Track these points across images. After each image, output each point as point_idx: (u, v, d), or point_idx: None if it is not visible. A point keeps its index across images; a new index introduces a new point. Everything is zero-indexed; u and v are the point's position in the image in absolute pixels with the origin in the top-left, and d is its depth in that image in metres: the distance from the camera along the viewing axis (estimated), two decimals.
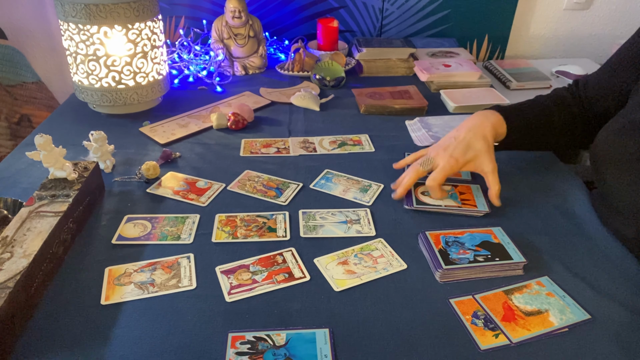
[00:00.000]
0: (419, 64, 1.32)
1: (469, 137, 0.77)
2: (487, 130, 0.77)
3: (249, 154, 0.96)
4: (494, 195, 0.77)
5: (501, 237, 0.71)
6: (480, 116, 0.81)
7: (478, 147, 0.76)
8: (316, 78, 1.27)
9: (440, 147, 0.78)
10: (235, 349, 0.55)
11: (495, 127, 0.79)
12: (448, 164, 0.76)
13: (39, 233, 0.63)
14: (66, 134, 1.00)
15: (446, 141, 0.79)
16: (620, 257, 0.69)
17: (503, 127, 0.80)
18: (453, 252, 0.68)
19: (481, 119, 0.80)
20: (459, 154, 0.76)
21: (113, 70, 1.02)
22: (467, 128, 0.78)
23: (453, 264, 0.66)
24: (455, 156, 0.76)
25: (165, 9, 1.49)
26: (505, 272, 0.66)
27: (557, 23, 1.63)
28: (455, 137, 0.78)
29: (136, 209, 0.79)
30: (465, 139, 0.77)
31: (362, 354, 0.55)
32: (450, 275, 0.65)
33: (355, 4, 1.52)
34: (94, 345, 0.55)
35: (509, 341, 0.56)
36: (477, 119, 0.80)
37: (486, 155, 0.76)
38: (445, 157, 0.76)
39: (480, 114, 0.82)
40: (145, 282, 0.64)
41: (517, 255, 0.67)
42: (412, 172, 0.78)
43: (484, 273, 0.66)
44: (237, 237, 0.73)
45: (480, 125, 0.78)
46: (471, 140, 0.77)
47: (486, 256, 0.67)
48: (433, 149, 0.80)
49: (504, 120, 0.80)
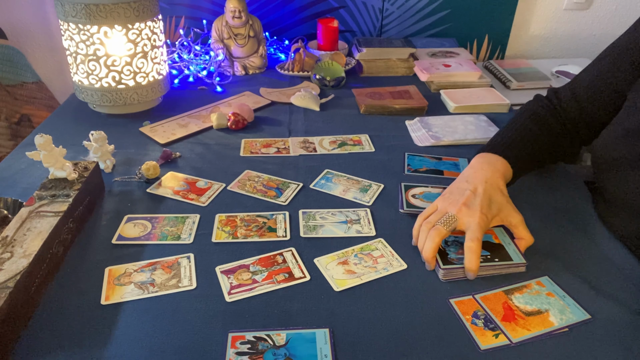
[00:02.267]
0: (419, 64, 1.32)
1: (488, 190, 0.70)
2: (500, 182, 0.72)
3: (249, 154, 0.96)
4: (524, 247, 0.70)
5: (502, 237, 0.71)
6: (486, 165, 0.75)
7: (499, 201, 0.70)
8: (316, 78, 1.27)
9: (460, 203, 0.69)
10: (235, 348, 0.55)
11: (504, 175, 0.75)
12: (482, 221, 0.66)
13: (39, 233, 0.63)
14: (66, 134, 1.00)
15: (461, 194, 0.71)
16: (620, 257, 0.70)
17: (509, 172, 0.76)
18: (452, 251, 0.68)
19: (490, 170, 0.74)
20: (486, 209, 0.68)
21: (113, 70, 1.02)
22: (482, 180, 0.72)
23: (451, 264, 0.66)
24: (485, 212, 0.68)
25: (165, 9, 1.49)
26: (506, 271, 0.66)
27: (557, 23, 1.63)
28: (471, 190, 0.71)
29: (136, 209, 0.79)
30: (486, 192, 0.70)
31: (362, 354, 0.55)
32: (452, 274, 0.65)
33: (355, 4, 1.52)
34: (94, 345, 0.55)
35: (509, 341, 0.56)
36: (486, 170, 0.74)
37: (508, 206, 0.70)
38: (476, 214, 0.67)
39: (484, 162, 0.76)
40: (145, 282, 0.64)
41: (517, 257, 0.67)
42: (433, 234, 0.66)
43: (484, 271, 0.66)
44: (237, 237, 0.73)
45: (493, 177, 0.72)
46: (491, 194, 0.70)
47: (486, 257, 0.67)
48: (449, 205, 0.70)
49: (509, 165, 0.76)
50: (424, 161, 0.93)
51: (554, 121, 0.84)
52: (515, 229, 0.70)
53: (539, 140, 0.82)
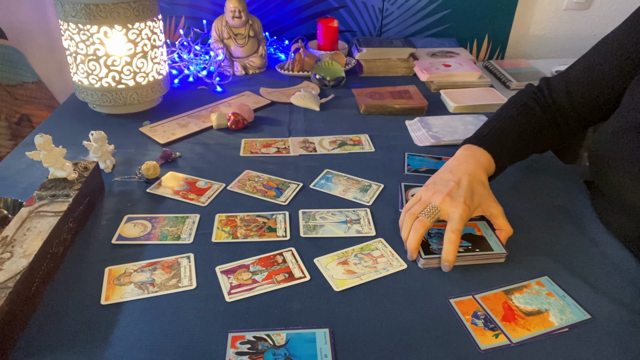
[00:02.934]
0: (419, 64, 1.32)
1: (471, 182, 0.72)
2: (482, 175, 0.74)
3: (249, 153, 0.96)
4: (505, 237, 0.71)
5: (484, 230, 0.72)
6: (470, 158, 0.77)
7: (480, 192, 0.72)
8: (316, 78, 1.27)
9: (443, 194, 0.70)
10: (235, 348, 0.55)
11: (487, 168, 0.76)
12: (464, 212, 0.68)
13: (39, 233, 0.63)
14: (66, 134, 1.00)
15: (444, 185, 0.72)
16: (620, 257, 0.70)
17: (492, 166, 0.77)
18: (434, 242, 0.70)
19: (473, 163, 0.75)
20: (469, 200, 0.70)
21: (113, 70, 1.02)
22: (465, 172, 0.73)
23: (433, 254, 0.67)
24: (467, 203, 0.69)
25: (165, 9, 1.49)
26: (486, 260, 0.68)
27: (557, 23, 1.63)
28: (455, 181, 0.72)
29: (136, 208, 0.79)
30: (469, 184, 0.71)
31: (362, 354, 0.55)
32: (431, 264, 0.68)
33: (355, 4, 1.52)
34: (94, 345, 0.55)
35: (509, 341, 0.56)
36: (470, 162, 0.76)
37: (489, 198, 0.72)
38: (459, 204, 0.68)
39: (468, 154, 0.77)
40: (145, 282, 0.64)
41: (498, 247, 0.69)
42: (418, 226, 0.68)
43: (465, 261, 0.68)
44: (237, 237, 0.73)
45: (475, 170, 0.74)
46: (473, 185, 0.72)
47: (467, 247, 0.69)
48: (432, 195, 0.71)
49: (492, 157, 0.77)
50: (424, 161, 0.93)
51: (542, 113, 0.84)
52: (495, 219, 0.72)
53: (525, 133, 0.83)
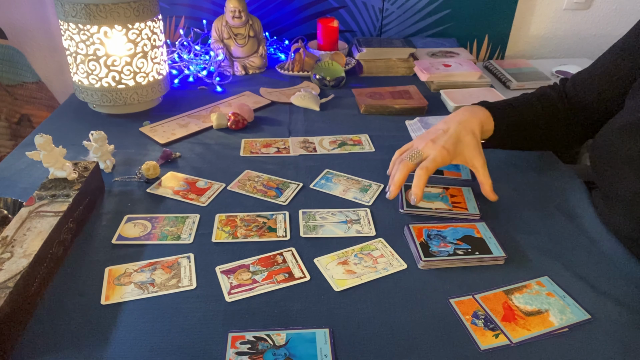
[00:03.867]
0: (419, 64, 1.32)
1: (459, 130, 0.76)
2: (475, 126, 0.77)
3: (249, 154, 0.96)
4: (488, 190, 0.76)
5: (484, 232, 0.73)
6: (468, 111, 0.80)
7: (467, 141, 0.75)
8: (316, 78, 1.27)
9: (428, 139, 0.76)
10: (235, 348, 0.55)
11: (482, 123, 0.79)
12: (440, 154, 0.73)
13: (39, 233, 0.63)
14: (66, 134, 1.00)
15: (434, 133, 0.77)
16: (620, 257, 0.69)
17: (490, 124, 0.80)
18: (434, 244, 0.70)
19: (469, 114, 0.79)
20: (450, 145, 0.74)
21: (113, 70, 1.02)
22: (456, 121, 0.77)
23: (432, 256, 0.67)
24: (447, 147, 0.74)
25: (165, 9, 1.49)
26: (486, 263, 0.68)
27: (557, 23, 1.63)
28: (443, 129, 0.77)
29: (136, 209, 0.79)
30: (456, 132, 0.76)
31: (362, 354, 0.55)
32: (432, 265, 0.68)
33: (355, 4, 1.52)
34: (94, 345, 0.55)
35: (509, 341, 0.56)
36: (466, 114, 0.79)
37: (475, 149, 0.76)
38: (437, 147, 0.74)
39: (467, 109, 0.81)
40: (145, 282, 0.64)
41: (497, 250, 0.69)
42: (401, 167, 0.75)
43: (465, 263, 0.68)
44: (237, 237, 0.73)
45: (468, 120, 0.78)
46: (461, 133, 0.76)
47: (466, 250, 0.69)
48: (420, 141, 0.78)
49: (492, 117, 0.80)
50: None
51: (559, 102, 0.86)
52: (476, 171, 0.76)
53: (536, 113, 0.84)
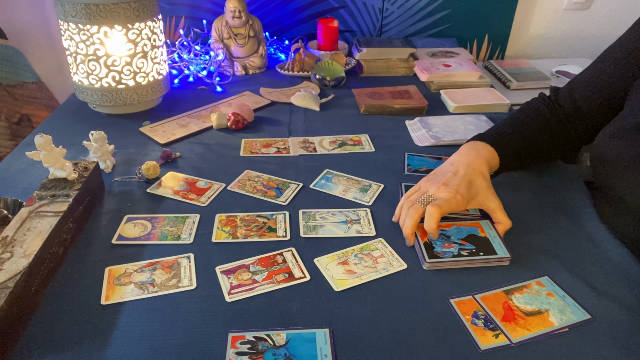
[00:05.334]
0: (419, 64, 1.32)
1: (469, 173, 0.73)
2: (483, 168, 0.74)
3: (249, 154, 0.96)
4: (504, 232, 0.72)
5: (488, 230, 0.72)
6: (472, 151, 0.77)
7: (479, 184, 0.72)
8: (316, 78, 1.27)
9: (439, 183, 0.72)
10: (235, 348, 0.55)
11: (489, 161, 0.76)
12: (454, 198, 0.69)
13: (39, 233, 0.63)
14: (66, 134, 1.00)
15: (442, 176, 0.73)
16: (620, 257, 0.69)
17: (495, 159, 0.77)
18: (438, 245, 0.69)
19: (474, 155, 0.76)
20: (464, 190, 0.71)
21: (113, 70, 1.02)
22: (464, 164, 0.74)
23: (437, 257, 0.67)
24: (461, 192, 0.70)
25: (165, 9, 1.49)
26: (490, 264, 0.68)
27: (557, 23, 1.63)
28: (453, 172, 0.73)
29: (136, 209, 0.79)
30: (467, 175, 0.72)
31: (362, 354, 0.55)
32: (436, 266, 0.67)
33: (355, 4, 1.52)
34: (94, 345, 0.55)
35: (509, 341, 0.56)
36: (470, 154, 0.76)
37: (488, 191, 0.73)
38: (451, 191, 0.70)
39: (470, 148, 0.78)
40: (145, 282, 0.64)
41: (502, 250, 0.68)
42: (412, 212, 0.70)
43: (470, 264, 0.67)
44: (237, 237, 0.73)
45: (475, 162, 0.75)
46: (472, 177, 0.72)
47: (471, 250, 0.68)
48: (429, 184, 0.73)
49: (495, 152, 0.77)
50: (424, 161, 0.93)
51: (552, 117, 0.84)
52: (493, 213, 0.73)
53: (533, 134, 0.83)
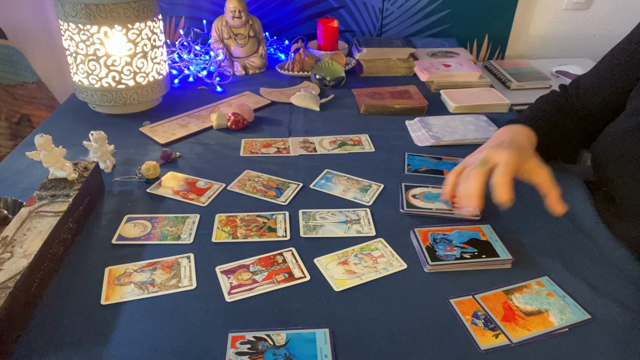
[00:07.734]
0: (419, 64, 1.32)
1: (516, 139, 0.72)
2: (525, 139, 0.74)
3: (249, 154, 0.96)
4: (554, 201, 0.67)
5: (489, 234, 0.72)
6: (513, 131, 0.77)
7: (526, 153, 0.70)
8: (316, 78, 1.27)
9: (494, 147, 0.69)
10: (235, 348, 0.55)
11: (529, 137, 0.76)
12: (512, 158, 0.66)
13: (39, 233, 0.63)
14: (66, 134, 1.00)
15: (495, 142, 0.72)
16: (620, 257, 0.69)
17: (533, 138, 0.77)
18: (440, 249, 0.69)
19: (515, 131, 0.76)
20: (516, 150, 0.68)
21: (113, 70, 1.02)
22: (508, 136, 0.74)
23: (439, 260, 0.67)
24: (516, 153, 0.67)
25: (165, 9, 1.49)
26: (493, 266, 0.68)
27: (557, 23, 1.63)
28: (501, 141, 0.72)
29: (136, 209, 0.79)
30: (514, 141, 0.71)
31: (362, 354, 0.55)
32: (438, 269, 0.67)
33: (355, 4, 1.52)
34: (94, 345, 0.55)
35: (509, 341, 0.56)
36: (510, 131, 0.76)
37: (536, 159, 0.70)
38: (508, 152, 0.67)
39: (507, 128, 0.78)
40: (145, 282, 0.64)
41: (504, 253, 0.68)
42: (474, 176, 0.66)
43: (472, 267, 0.68)
44: (237, 237, 0.73)
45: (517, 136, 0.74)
46: (519, 142, 0.72)
47: (473, 253, 0.69)
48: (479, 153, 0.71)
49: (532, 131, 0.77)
50: (424, 161, 0.93)
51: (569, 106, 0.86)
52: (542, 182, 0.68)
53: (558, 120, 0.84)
